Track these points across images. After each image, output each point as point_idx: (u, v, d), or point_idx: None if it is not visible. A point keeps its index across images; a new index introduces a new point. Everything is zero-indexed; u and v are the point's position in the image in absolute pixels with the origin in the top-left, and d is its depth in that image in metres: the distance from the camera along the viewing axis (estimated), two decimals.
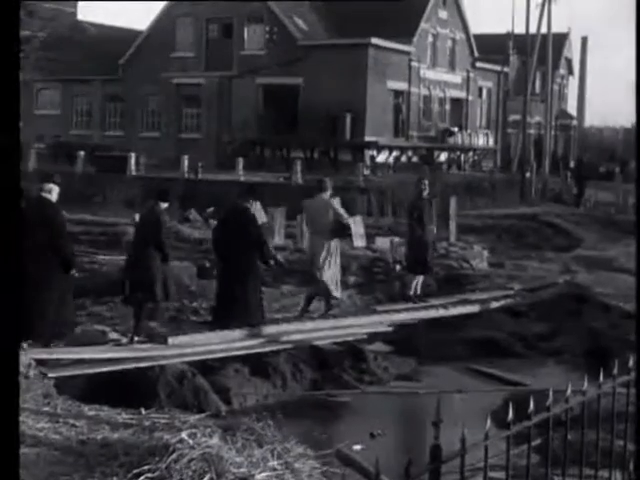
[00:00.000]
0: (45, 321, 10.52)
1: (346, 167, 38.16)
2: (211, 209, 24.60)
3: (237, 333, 12.28)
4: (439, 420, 3.31)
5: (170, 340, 11.42)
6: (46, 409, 8.10)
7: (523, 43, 42.98)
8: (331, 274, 13.79)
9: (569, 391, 4.05)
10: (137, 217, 13.03)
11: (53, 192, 10.91)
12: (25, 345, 9.87)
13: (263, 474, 6.13)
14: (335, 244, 13.89)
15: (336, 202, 14.12)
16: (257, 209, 13.64)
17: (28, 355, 9.41)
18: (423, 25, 47.55)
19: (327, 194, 14.08)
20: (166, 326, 12.74)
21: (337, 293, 14.06)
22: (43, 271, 10.42)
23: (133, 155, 37.71)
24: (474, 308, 15.03)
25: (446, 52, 50.72)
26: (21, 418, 6.93)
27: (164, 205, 12.26)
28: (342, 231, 13.91)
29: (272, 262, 13.09)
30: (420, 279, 15.22)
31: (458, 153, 50.24)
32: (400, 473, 3.07)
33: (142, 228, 12.21)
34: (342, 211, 14.00)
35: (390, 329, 13.56)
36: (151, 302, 11.88)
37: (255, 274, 12.75)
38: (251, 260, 12.57)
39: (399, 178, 33.94)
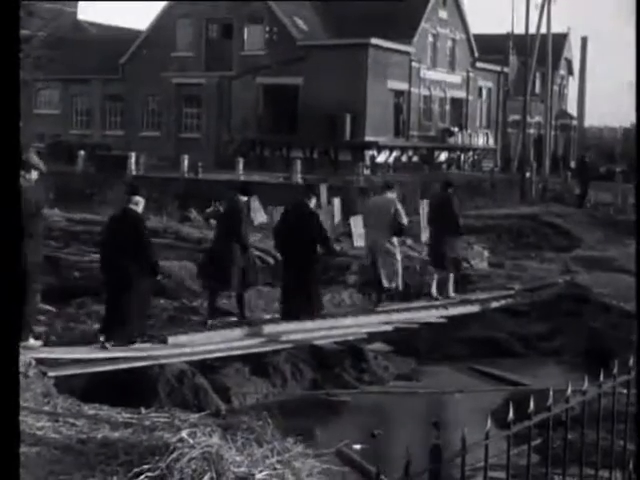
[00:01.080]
0: (129, 323, 11.15)
1: (346, 167, 38.19)
2: (211, 208, 24.61)
3: (237, 332, 12.30)
4: (439, 420, 3.31)
5: (170, 339, 11.43)
6: (46, 408, 8.10)
7: (523, 43, 42.96)
8: (387, 267, 14.49)
9: (569, 391, 4.06)
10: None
11: (140, 204, 11.50)
12: (108, 345, 10.74)
13: (263, 473, 6.13)
14: (394, 240, 14.66)
15: (399, 203, 14.94)
16: (257, 208, 13.87)
17: (28, 354, 9.41)
18: (423, 25, 47.56)
19: (393, 194, 14.96)
20: (166, 326, 12.75)
21: (393, 284, 14.70)
22: (128, 277, 11.01)
23: (133, 155, 37.73)
24: (474, 308, 15.04)
25: (446, 52, 50.73)
26: (21, 417, 6.93)
27: (244, 199, 13.43)
28: (400, 229, 14.70)
29: (333, 253, 14.26)
30: (451, 277, 15.77)
31: (458, 153, 50.26)
32: (400, 472, 3.07)
33: (224, 220, 13.24)
34: (403, 212, 14.70)
35: (390, 329, 13.56)
36: (226, 291, 13.01)
37: (315, 266, 13.58)
38: (312, 253, 13.35)
39: (399, 178, 33.91)
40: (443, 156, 48.42)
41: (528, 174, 38.94)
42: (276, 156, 43.65)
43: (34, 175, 10.42)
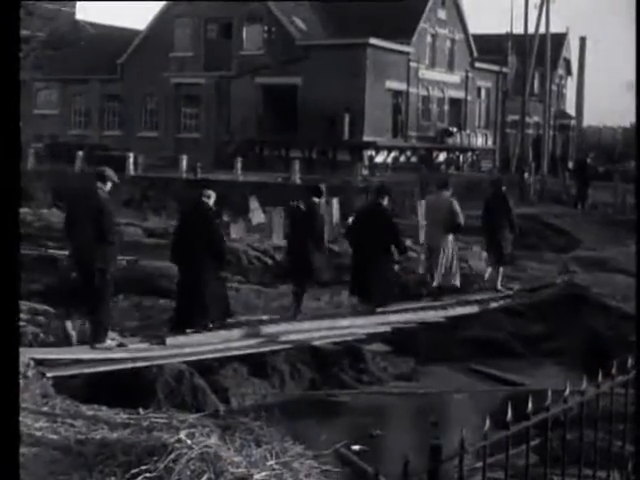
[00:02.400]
0: (204, 311, 12.05)
1: (344, 167, 38.20)
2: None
3: (235, 333, 12.29)
4: (437, 420, 3.32)
5: (168, 340, 11.43)
6: (45, 409, 8.10)
7: (522, 43, 42.99)
8: (445, 263, 15.24)
9: (568, 391, 4.06)
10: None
11: (211, 198, 12.37)
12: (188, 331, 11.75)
13: (262, 474, 6.13)
14: (450, 237, 15.36)
15: (455, 201, 15.58)
16: (256, 208, 14.00)
17: (26, 355, 9.41)
18: (422, 25, 47.57)
19: (448, 192, 15.75)
20: (165, 326, 12.74)
21: (456, 281, 15.52)
22: (201, 266, 11.86)
23: (132, 155, 37.72)
24: (473, 308, 15.04)
25: (445, 52, 50.75)
26: (19, 418, 6.93)
27: (317, 200, 14.09)
28: (456, 227, 15.36)
29: (405, 251, 14.94)
30: (501, 271, 16.60)
31: (457, 153, 50.28)
32: (398, 473, 3.08)
33: (299, 220, 13.95)
34: (459, 210, 15.31)
35: (389, 329, 13.56)
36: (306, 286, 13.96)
37: (389, 261, 14.31)
38: (386, 248, 14.06)
39: (398, 178, 33.92)
40: (442, 156, 48.43)
41: (527, 174, 38.95)
42: (275, 156, 43.66)
43: (108, 186, 11.24)
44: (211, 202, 12.32)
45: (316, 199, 14.05)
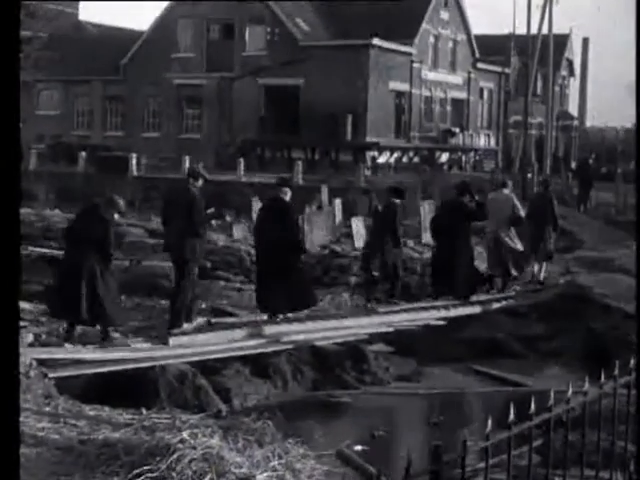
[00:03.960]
0: (292, 298, 12.85)
1: (347, 168, 38.16)
2: (212, 209, 24.59)
3: (238, 333, 12.29)
4: (439, 421, 3.31)
5: (171, 340, 11.42)
6: (47, 409, 8.10)
7: (524, 44, 42.93)
8: (510, 257, 16.20)
9: (570, 392, 4.05)
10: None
11: (288, 194, 13.11)
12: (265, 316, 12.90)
13: (264, 474, 6.13)
14: (512, 231, 16.33)
15: (515, 197, 16.97)
16: (257, 208, 14.13)
17: (28, 355, 9.41)
18: (424, 26, 47.55)
19: (508, 189, 16.81)
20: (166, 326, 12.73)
21: (515, 272, 16.49)
22: (281, 256, 12.62)
23: (134, 155, 37.74)
24: (475, 309, 15.03)
25: (447, 53, 50.73)
26: (22, 418, 6.93)
27: (397, 201, 15.50)
28: (518, 221, 16.48)
29: None
30: (544, 265, 17.56)
31: (459, 154, 50.25)
32: (401, 473, 3.07)
33: (381, 218, 15.47)
34: (519, 205, 16.63)
35: (391, 329, 13.54)
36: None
37: (469, 251, 15.45)
38: (467, 239, 15.35)
39: (400, 179, 33.89)
40: (444, 157, 48.40)
41: (529, 175, 38.91)
42: (277, 157, 43.63)
43: (200, 183, 12.29)
44: (287, 198, 13.06)
45: (396, 200, 15.53)
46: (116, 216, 11.61)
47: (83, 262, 10.79)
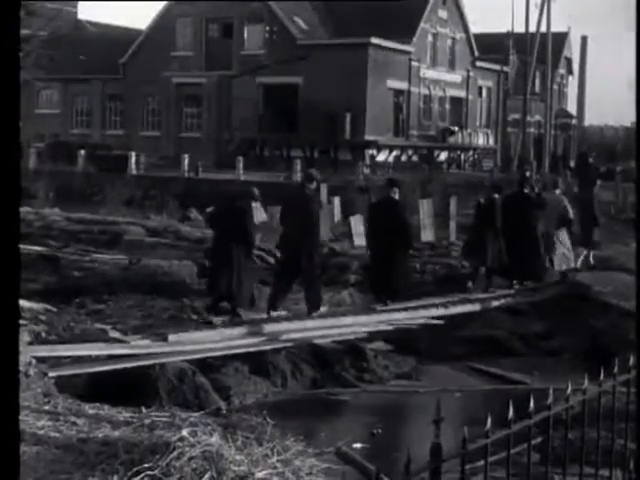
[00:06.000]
0: (397, 282, 14.33)
1: (346, 166, 38.20)
2: (211, 208, 24.62)
3: (237, 331, 12.29)
4: (440, 418, 3.32)
5: (170, 338, 11.42)
6: (46, 407, 8.10)
7: (523, 42, 42.99)
8: (560, 254, 17.03)
9: (569, 390, 4.05)
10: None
11: (396, 194, 14.28)
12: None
13: (263, 472, 6.13)
14: (563, 230, 17.09)
15: (565, 198, 17.63)
16: (257, 208, 14.11)
17: (28, 353, 9.41)
18: (423, 25, 47.58)
19: (559, 191, 17.72)
20: (166, 325, 12.74)
21: (564, 266, 17.21)
22: (392, 252, 14.02)
23: (133, 154, 37.75)
24: (475, 307, 15.03)
25: (446, 51, 50.75)
26: (21, 417, 6.93)
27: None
28: (569, 221, 17.27)
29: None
30: (591, 253, 18.82)
31: (458, 152, 50.28)
32: (400, 471, 3.07)
33: (483, 215, 16.13)
34: (569, 206, 17.34)
35: (391, 328, 13.55)
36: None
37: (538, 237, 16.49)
38: (535, 227, 16.44)
39: (399, 177, 33.86)
40: (443, 155, 48.41)
41: (528, 173, 38.90)
42: (276, 155, 43.67)
43: (314, 185, 13.52)
44: (397, 197, 14.32)
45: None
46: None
47: (230, 250, 12.59)
